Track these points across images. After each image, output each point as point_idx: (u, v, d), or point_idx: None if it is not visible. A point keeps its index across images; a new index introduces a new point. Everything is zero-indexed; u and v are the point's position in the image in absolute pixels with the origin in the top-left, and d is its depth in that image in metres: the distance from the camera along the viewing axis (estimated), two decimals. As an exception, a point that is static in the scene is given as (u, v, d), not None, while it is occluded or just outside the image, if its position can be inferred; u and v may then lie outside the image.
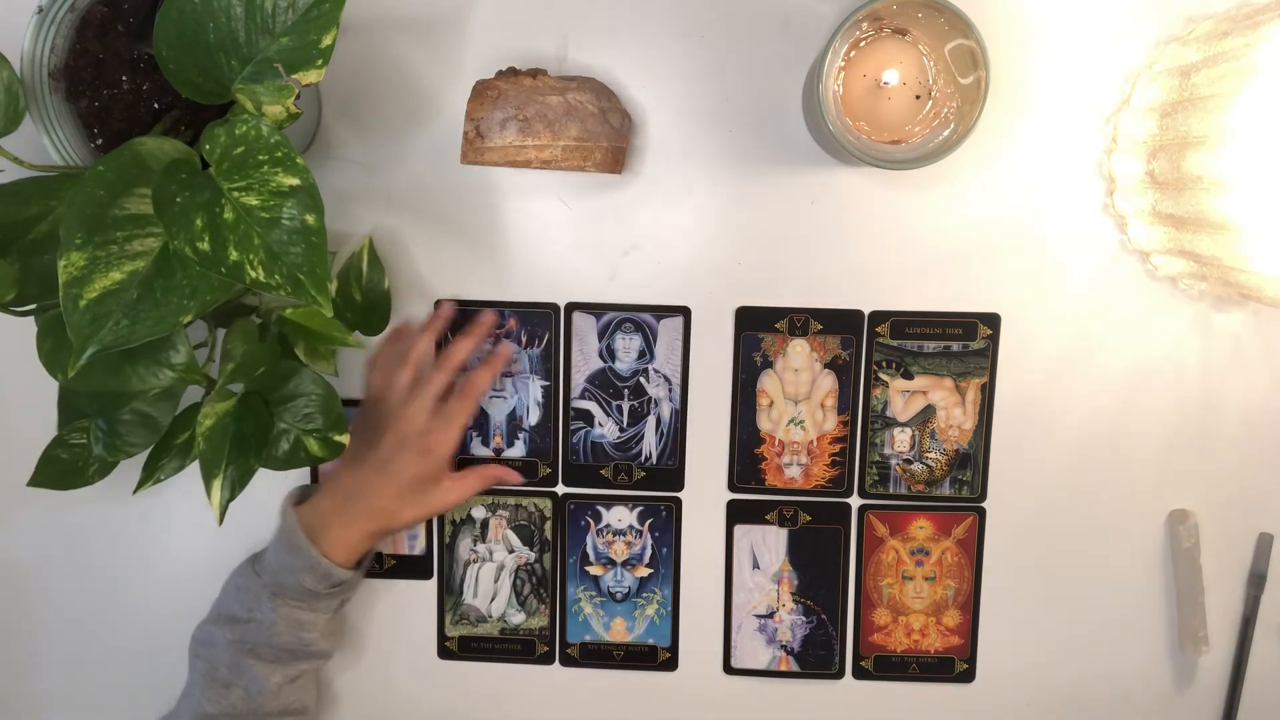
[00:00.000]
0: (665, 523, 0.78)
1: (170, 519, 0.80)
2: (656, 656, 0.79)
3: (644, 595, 0.78)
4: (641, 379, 0.76)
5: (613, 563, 0.78)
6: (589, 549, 0.78)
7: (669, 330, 0.75)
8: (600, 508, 0.78)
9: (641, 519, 0.78)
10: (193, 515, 0.80)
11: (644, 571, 0.78)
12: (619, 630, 0.79)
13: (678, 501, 0.77)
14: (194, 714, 0.70)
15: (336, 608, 0.73)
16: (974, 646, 0.77)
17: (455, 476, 0.73)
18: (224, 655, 0.70)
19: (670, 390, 0.76)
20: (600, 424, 0.77)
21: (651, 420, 0.77)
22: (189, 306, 0.54)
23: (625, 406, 0.77)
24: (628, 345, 0.76)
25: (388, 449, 0.70)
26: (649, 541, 0.78)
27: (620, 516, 0.78)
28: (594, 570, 0.78)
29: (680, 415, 0.76)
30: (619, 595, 0.78)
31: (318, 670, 0.75)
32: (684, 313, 0.75)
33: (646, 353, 0.76)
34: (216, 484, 0.64)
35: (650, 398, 0.76)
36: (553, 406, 0.77)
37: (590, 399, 0.77)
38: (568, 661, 0.79)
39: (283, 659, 0.70)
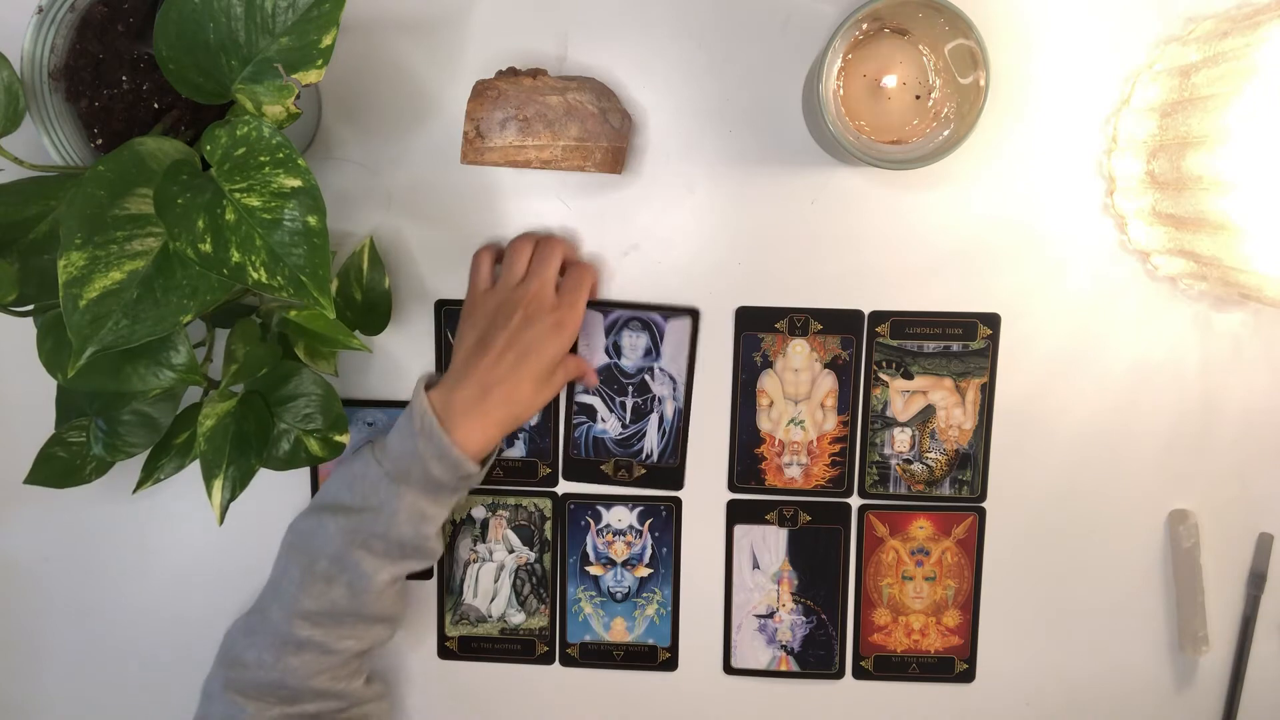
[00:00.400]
0: (665, 523, 0.78)
1: (169, 518, 0.80)
2: (656, 656, 0.79)
3: (644, 595, 0.78)
4: (646, 377, 0.76)
5: (613, 563, 0.78)
6: (589, 549, 0.78)
7: (676, 330, 0.75)
8: (600, 508, 0.78)
9: (641, 519, 0.78)
10: (192, 515, 0.80)
11: (644, 571, 0.78)
12: (619, 630, 0.79)
13: (678, 502, 0.77)
14: (288, 609, 0.67)
15: (456, 504, 0.71)
16: (974, 646, 0.77)
17: (560, 361, 0.71)
18: (331, 546, 0.67)
19: (675, 389, 0.76)
20: (603, 419, 0.77)
21: (654, 418, 0.77)
22: (189, 306, 0.54)
23: (629, 403, 0.77)
24: (634, 343, 0.76)
25: (520, 329, 0.68)
26: (649, 541, 0.78)
27: (620, 516, 0.78)
28: (594, 570, 0.78)
29: (683, 414, 0.76)
30: (619, 595, 0.78)
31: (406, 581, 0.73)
32: (692, 314, 0.75)
33: (653, 351, 0.76)
34: (217, 484, 0.65)
35: (654, 396, 0.76)
36: (553, 406, 0.77)
37: (594, 394, 0.77)
38: (568, 661, 0.79)
39: (393, 554, 0.67)
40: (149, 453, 0.70)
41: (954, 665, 0.78)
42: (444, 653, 0.80)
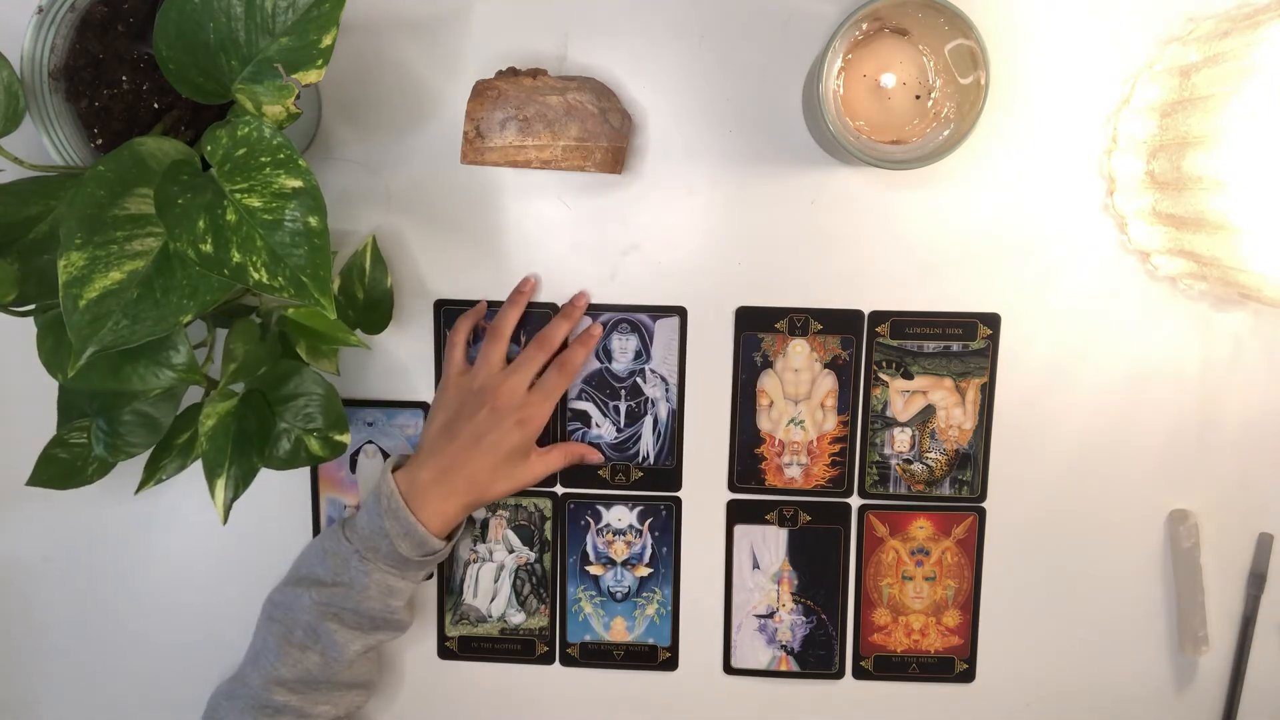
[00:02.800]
0: (665, 522, 0.78)
1: (171, 519, 0.80)
2: (657, 656, 0.79)
3: (644, 595, 0.78)
4: (638, 379, 0.76)
5: (612, 562, 0.78)
6: (589, 548, 0.78)
7: (665, 330, 0.75)
8: (600, 507, 0.78)
9: (641, 518, 0.78)
10: (193, 515, 0.80)
11: (644, 571, 0.78)
12: (619, 630, 0.79)
13: (677, 501, 0.77)
14: (266, 677, 0.70)
15: (423, 578, 0.73)
16: (974, 646, 0.77)
17: (541, 451, 0.74)
18: (305, 617, 0.70)
19: (667, 390, 0.76)
20: (597, 425, 0.77)
21: (648, 421, 0.77)
22: (189, 306, 0.54)
23: (622, 407, 0.77)
24: (624, 346, 0.76)
25: (484, 422, 0.71)
26: (649, 541, 0.78)
27: (620, 516, 0.78)
28: (594, 570, 0.78)
29: (677, 415, 0.76)
30: (619, 595, 0.78)
31: (383, 646, 0.76)
32: (680, 313, 0.75)
33: (643, 353, 0.76)
34: (220, 484, 0.65)
35: (647, 398, 0.76)
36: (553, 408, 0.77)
37: (587, 399, 0.77)
38: (568, 661, 0.79)
39: (365, 626, 0.70)
40: (150, 453, 0.70)
41: (954, 665, 0.78)
42: (444, 653, 0.80)
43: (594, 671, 0.79)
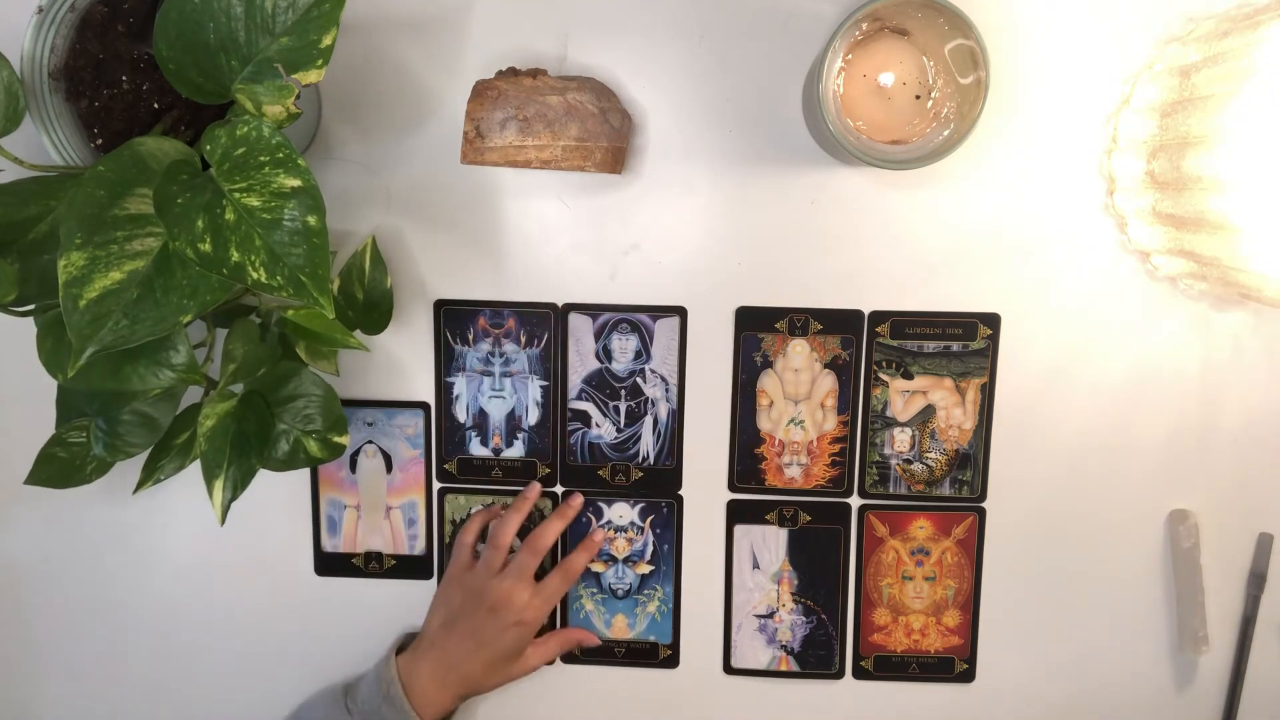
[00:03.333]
0: (666, 519, 0.78)
1: (169, 519, 0.80)
2: (658, 654, 0.79)
3: (645, 592, 0.78)
4: (638, 379, 0.76)
5: (614, 559, 0.78)
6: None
7: (665, 330, 0.75)
8: (601, 504, 0.78)
9: (643, 515, 0.78)
10: (192, 515, 0.80)
11: (645, 568, 0.78)
12: (620, 627, 0.79)
13: (678, 498, 0.77)
14: None
15: None
16: (974, 646, 0.77)
17: (538, 644, 0.76)
18: None
19: (667, 390, 0.76)
20: (597, 425, 0.77)
21: (648, 421, 0.77)
22: (189, 306, 0.54)
23: (622, 407, 0.77)
24: (624, 346, 0.76)
25: (484, 622, 0.73)
26: (650, 538, 0.78)
27: (621, 513, 0.78)
28: (595, 567, 0.78)
29: (677, 415, 0.76)
30: (620, 592, 0.78)
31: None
32: (680, 313, 0.75)
33: (643, 353, 0.76)
34: (218, 484, 0.64)
35: (647, 398, 0.76)
36: (551, 407, 0.77)
37: (587, 400, 0.77)
38: (569, 659, 0.79)
39: None
40: (149, 453, 0.70)
41: (954, 665, 0.78)
42: (444, 653, 0.80)
43: (594, 671, 0.79)
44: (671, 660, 0.79)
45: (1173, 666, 0.77)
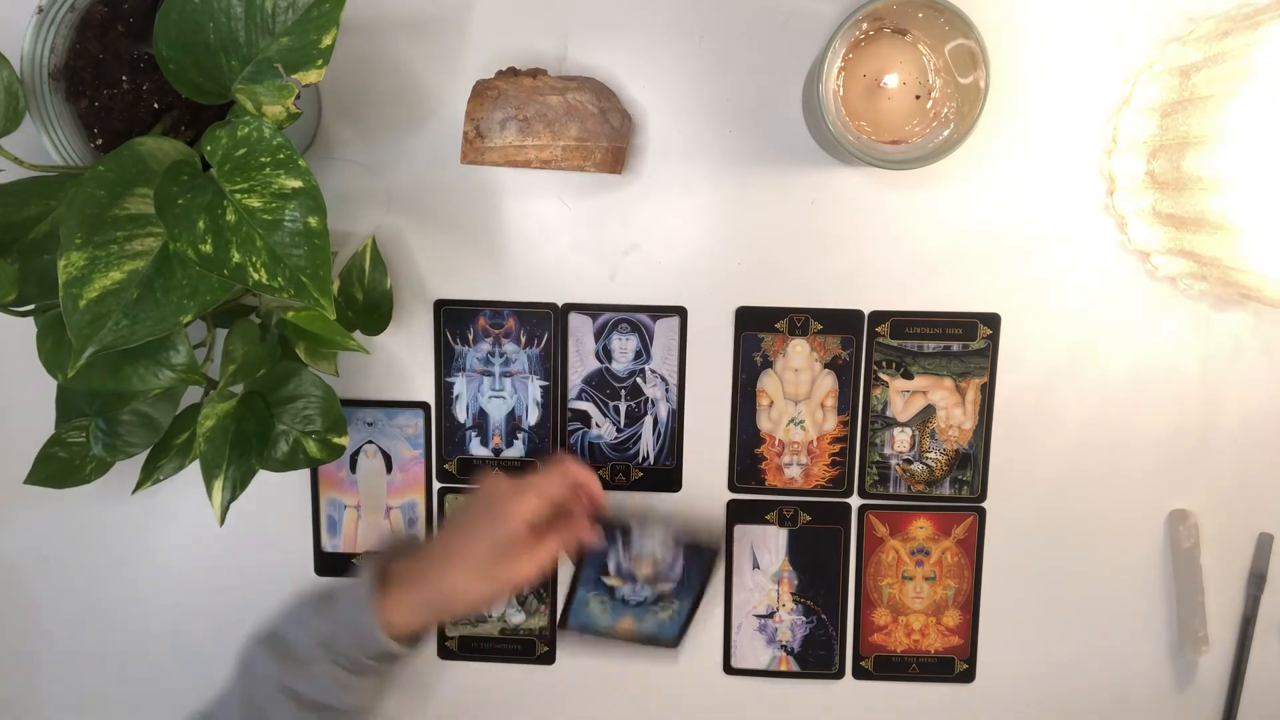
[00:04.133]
0: (702, 555, 0.72)
1: (169, 519, 0.80)
2: (657, 641, 0.75)
3: (660, 604, 0.74)
4: (638, 379, 0.76)
5: (634, 578, 0.73)
6: (610, 563, 0.73)
7: (665, 330, 0.75)
8: (637, 533, 0.72)
9: (677, 543, 0.72)
10: (191, 515, 0.80)
11: (665, 587, 0.73)
12: (625, 627, 0.75)
13: (719, 549, 0.73)
14: None
15: (380, 684, 0.66)
16: (974, 646, 0.77)
17: (530, 545, 0.64)
18: (263, 689, 0.64)
19: (667, 390, 0.76)
20: (597, 425, 0.77)
21: (648, 421, 0.77)
22: (189, 306, 0.54)
23: (622, 407, 0.77)
24: (624, 346, 0.76)
25: (466, 515, 0.66)
26: (679, 566, 0.72)
27: (657, 545, 0.72)
28: (611, 582, 0.73)
29: (677, 415, 0.76)
30: (633, 603, 0.74)
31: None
32: (680, 313, 0.75)
33: (643, 353, 0.76)
34: (218, 484, 0.64)
35: (647, 398, 0.76)
36: (552, 407, 0.77)
37: (587, 400, 0.77)
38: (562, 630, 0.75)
39: (322, 712, 0.64)
40: (148, 453, 0.70)
41: (954, 665, 0.78)
42: (444, 653, 0.80)
43: (594, 669, 0.79)
44: (674, 644, 0.75)
45: (1173, 666, 0.77)
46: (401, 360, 0.77)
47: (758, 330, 0.75)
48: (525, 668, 0.80)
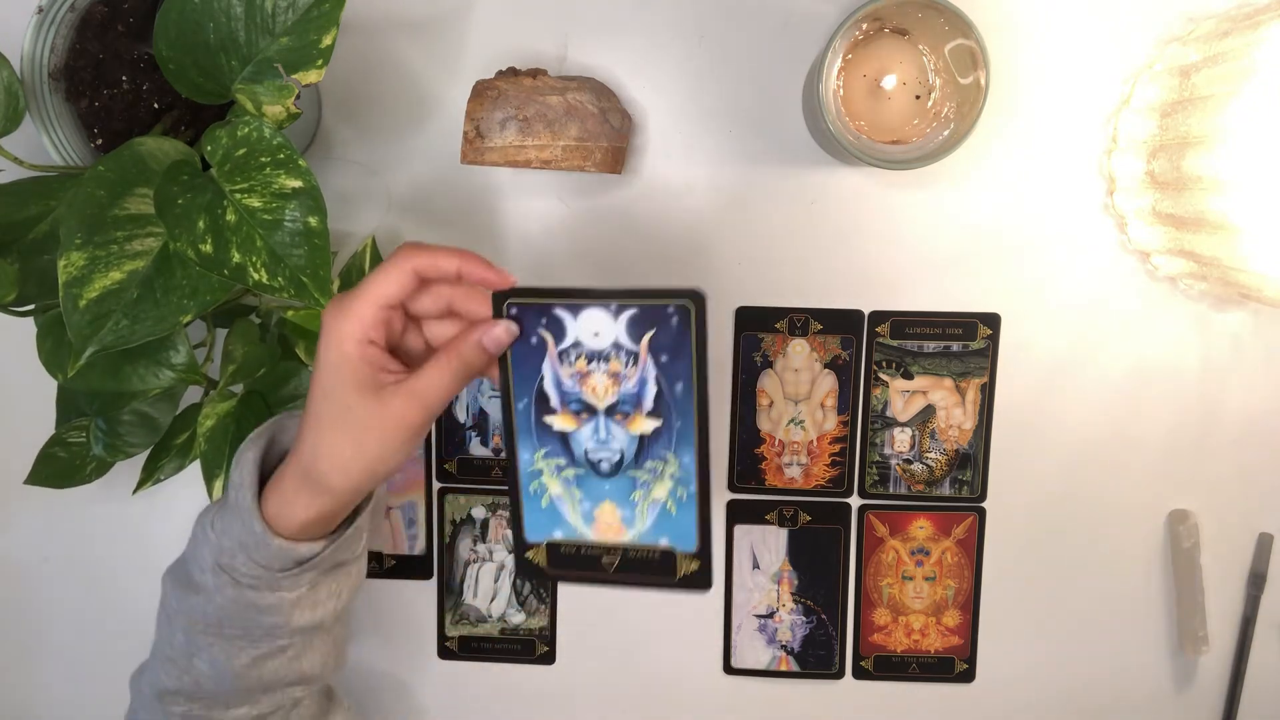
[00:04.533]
0: (676, 336, 0.48)
1: (169, 518, 0.80)
2: (675, 569, 0.50)
3: (648, 464, 0.49)
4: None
5: (591, 410, 0.49)
6: (548, 385, 0.50)
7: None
8: (562, 313, 0.48)
9: (634, 331, 0.48)
10: (192, 515, 0.79)
11: (646, 424, 0.49)
12: (610, 523, 0.50)
13: (697, 294, 0.48)
14: (154, 687, 0.55)
15: (307, 585, 0.53)
16: (974, 646, 0.77)
17: (395, 370, 0.49)
18: (172, 630, 0.55)
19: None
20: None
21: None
22: (189, 306, 0.54)
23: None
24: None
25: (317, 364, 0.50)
26: (650, 369, 0.48)
27: (598, 328, 0.48)
28: (557, 422, 0.49)
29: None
30: (606, 466, 0.50)
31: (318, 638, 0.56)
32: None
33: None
34: (218, 485, 0.65)
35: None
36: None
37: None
38: (528, 572, 0.54)
39: (251, 637, 0.53)
40: (149, 453, 0.70)
41: (954, 665, 0.78)
42: (444, 653, 0.80)
43: (593, 668, 0.79)
44: (702, 580, 0.49)
45: (1173, 666, 0.77)
46: (401, 360, 0.77)
47: (758, 330, 0.75)
48: (525, 668, 0.80)
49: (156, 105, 0.63)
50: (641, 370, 0.48)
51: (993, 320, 0.74)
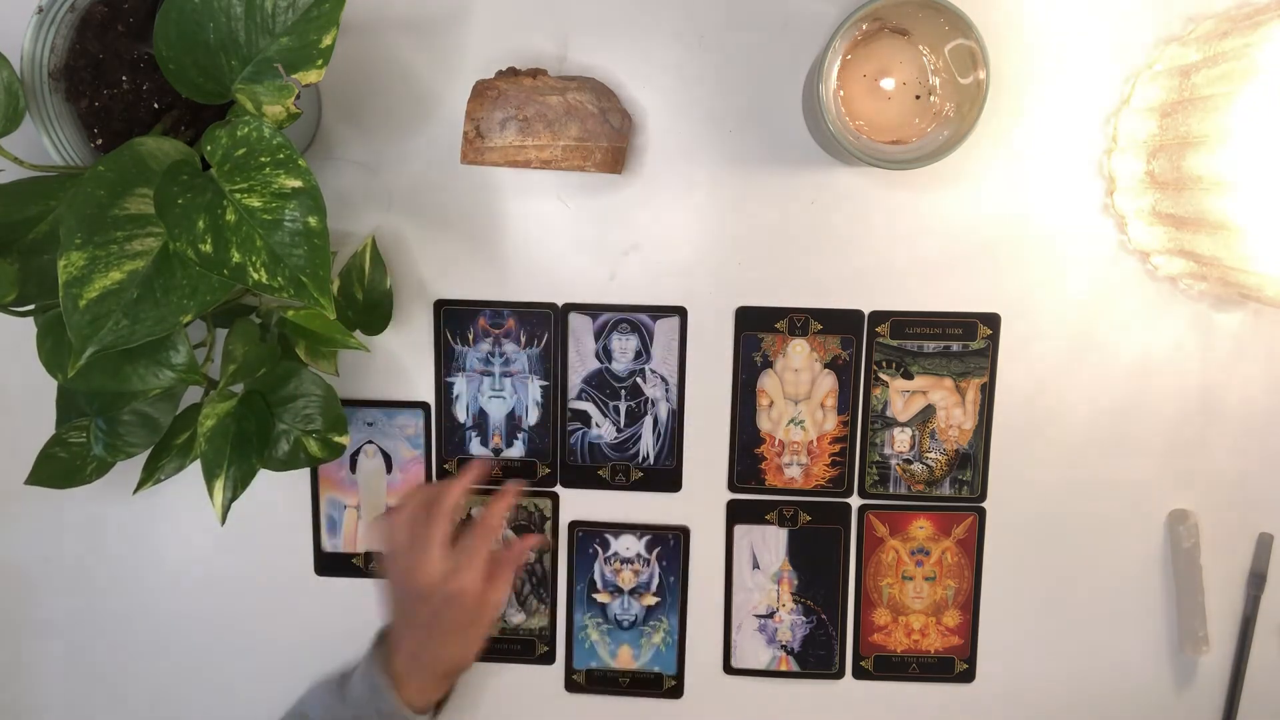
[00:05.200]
0: (673, 551, 0.77)
1: (169, 519, 0.80)
2: (662, 684, 0.79)
3: (651, 623, 0.78)
4: (638, 379, 0.76)
5: (620, 591, 0.78)
6: (596, 576, 0.78)
7: (665, 330, 0.75)
8: (609, 536, 0.78)
9: (649, 547, 0.78)
10: (191, 515, 0.80)
11: (651, 600, 0.78)
12: (625, 657, 0.79)
13: (685, 531, 0.77)
14: None
15: None
16: (974, 646, 0.77)
17: (486, 586, 0.69)
18: None
19: (667, 390, 0.76)
20: (597, 425, 0.77)
21: (648, 421, 0.77)
22: (189, 306, 0.54)
23: (622, 407, 0.77)
24: (624, 346, 0.76)
25: (418, 605, 0.68)
26: (656, 570, 0.78)
27: (628, 545, 0.78)
28: (601, 598, 0.78)
29: (677, 415, 0.76)
30: (626, 623, 0.78)
31: None
32: (680, 313, 0.75)
33: (643, 353, 0.76)
34: (218, 484, 0.65)
35: (647, 398, 0.76)
36: (551, 406, 0.77)
37: (587, 400, 0.77)
38: (574, 688, 0.79)
39: None
40: (149, 453, 0.70)
41: (954, 665, 0.78)
42: (444, 653, 0.80)
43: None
44: (675, 691, 0.79)
45: (1173, 666, 0.77)
46: (401, 360, 0.77)
47: (758, 330, 0.75)
48: (525, 668, 0.80)
49: (156, 105, 0.63)
50: (651, 569, 0.78)
51: (993, 320, 0.74)
